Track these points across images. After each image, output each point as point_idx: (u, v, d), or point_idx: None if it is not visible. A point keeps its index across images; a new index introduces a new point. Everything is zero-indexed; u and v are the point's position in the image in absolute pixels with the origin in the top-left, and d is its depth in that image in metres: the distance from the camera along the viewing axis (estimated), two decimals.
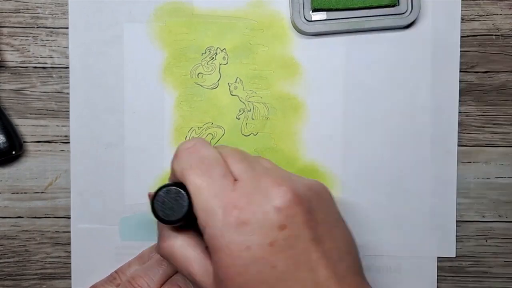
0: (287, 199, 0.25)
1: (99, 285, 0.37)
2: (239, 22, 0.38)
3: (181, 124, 0.39)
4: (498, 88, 0.39)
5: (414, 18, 0.37)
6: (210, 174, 0.26)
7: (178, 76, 0.39)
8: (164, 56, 0.39)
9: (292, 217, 0.25)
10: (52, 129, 0.39)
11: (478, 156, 0.39)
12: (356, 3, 0.37)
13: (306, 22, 0.37)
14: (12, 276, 0.40)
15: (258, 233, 0.25)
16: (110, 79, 0.39)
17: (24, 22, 0.39)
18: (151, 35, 0.38)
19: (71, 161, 0.39)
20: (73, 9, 0.38)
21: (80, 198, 0.39)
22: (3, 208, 0.39)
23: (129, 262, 0.37)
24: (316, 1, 0.37)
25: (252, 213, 0.25)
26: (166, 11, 0.38)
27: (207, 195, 0.26)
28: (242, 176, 0.27)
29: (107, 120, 0.39)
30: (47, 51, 0.39)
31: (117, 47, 0.39)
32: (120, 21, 0.38)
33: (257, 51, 0.38)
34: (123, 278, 0.36)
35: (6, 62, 0.39)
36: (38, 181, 0.39)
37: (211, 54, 0.38)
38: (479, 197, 0.40)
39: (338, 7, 0.37)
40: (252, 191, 0.26)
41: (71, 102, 0.39)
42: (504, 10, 0.39)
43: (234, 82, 0.38)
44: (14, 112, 0.39)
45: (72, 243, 0.39)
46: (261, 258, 0.25)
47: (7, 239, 0.40)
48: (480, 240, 0.40)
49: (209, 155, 0.27)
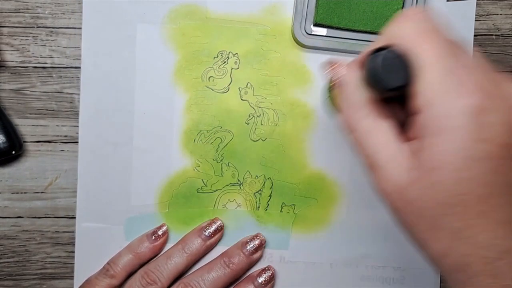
0: None
1: (93, 278, 0.37)
2: (252, 27, 0.38)
3: (190, 127, 0.38)
4: None
5: None
6: (452, 47, 0.22)
7: (189, 79, 0.38)
8: (176, 58, 0.38)
9: None
10: (52, 129, 0.39)
11: None
12: (358, 25, 0.37)
13: (306, 35, 0.37)
14: (12, 276, 0.39)
15: (500, 129, 0.21)
16: (121, 79, 0.38)
17: (24, 22, 0.38)
18: (164, 36, 0.38)
19: (79, 160, 0.38)
20: (87, 8, 0.38)
21: (86, 197, 0.38)
22: (3, 208, 0.39)
23: (119, 253, 0.38)
24: (319, 16, 0.37)
25: (497, 102, 0.21)
26: (180, 13, 0.38)
27: (440, 68, 0.22)
28: (483, 61, 0.23)
29: (117, 120, 0.38)
30: (47, 51, 0.38)
31: (130, 48, 0.38)
32: (133, 21, 0.38)
33: (269, 57, 0.38)
34: (116, 268, 0.37)
35: (6, 62, 0.38)
36: (38, 181, 0.39)
37: (223, 58, 0.38)
38: None
39: (339, 26, 0.37)
40: (498, 79, 0.22)
41: (81, 100, 0.38)
42: (504, 10, 0.39)
43: (244, 87, 0.38)
44: (14, 112, 0.39)
45: (76, 242, 0.39)
46: (496, 157, 0.21)
47: (7, 239, 0.39)
48: None
49: (443, 30, 0.23)
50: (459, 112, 0.21)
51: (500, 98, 0.21)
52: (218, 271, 0.36)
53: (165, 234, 0.38)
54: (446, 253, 0.23)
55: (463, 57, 0.22)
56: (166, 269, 0.36)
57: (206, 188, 0.39)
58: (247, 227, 0.39)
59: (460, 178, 0.21)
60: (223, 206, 0.39)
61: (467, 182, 0.21)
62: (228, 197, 0.39)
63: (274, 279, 0.38)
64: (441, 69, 0.22)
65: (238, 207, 0.39)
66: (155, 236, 0.38)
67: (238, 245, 0.38)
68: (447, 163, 0.21)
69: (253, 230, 0.39)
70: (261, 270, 0.38)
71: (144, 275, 0.36)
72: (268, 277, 0.37)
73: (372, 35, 0.37)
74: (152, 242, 0.38)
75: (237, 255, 0.37)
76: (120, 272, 0.37)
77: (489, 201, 0.21)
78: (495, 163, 0.21)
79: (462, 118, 0.21)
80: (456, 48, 0.23)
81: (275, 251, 0.39)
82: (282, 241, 0.39)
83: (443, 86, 0.21)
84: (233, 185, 0.39)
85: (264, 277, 0.37)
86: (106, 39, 0.38)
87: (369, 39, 0.37)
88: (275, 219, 0.39)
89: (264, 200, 0.39)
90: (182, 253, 0.37)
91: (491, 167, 0.21)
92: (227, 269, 0.36)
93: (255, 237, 0.38)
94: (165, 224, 0.38)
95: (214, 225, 0.38)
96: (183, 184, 0.39)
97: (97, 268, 0.38)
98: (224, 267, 0.36)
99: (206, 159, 0.39)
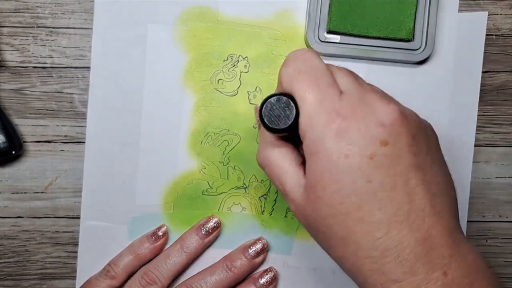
0: (394, 117, 0.24)
1: (94, 278, 0.37)
2: (263, 31, 0.38)
3: (198, 129, 0.38)
4: (498, 88, 0.40)
5: (426, 56, 0.37)
6: (317, 82, 0.26)
7: (199, 81, 0.38)
8: (186, 59, 0.38)
9: (396, 136, 0.24)
10: (52, 129, 0.38)
11: (478, 156, 0.40)
12: (372, 31, 0.37)
13: (319, 42, 0.37)
14: (12, 276, 0.39)
15: (359, 144, 0.24)
16: (130, 79, 0.38)
17: (24, 22, 0.38)
18: (175, 38, 0.38)
19: (85, 158, 0.38)
20: (99, 7, 0.37)
21: (91, 196, 0.38)
22: (3, 208, 0.39)
23: (120, 254, 0.38)
24: (332, 24, 0.37)
25: (355, 122, 0.24)
26: (191, 15, 0.37)
27: (312, 100, 0.25)
28: (349, 89, 0.26)
29: (124, 120, 0.38)
30: (47, 51, 0.38)
31: (140, 48, 0.38)
32: (144, 21, 0.37)
33: (279, 61, 0.38)
34: (116, 269, 0.37)
35: (6, 62, 0.38)
36: (38, 181, 0.39)
37: (233, 61, 0.38)
38: (479, 197, 0.40)
39: (353, 33, 0.37)
40: (357, 102, 0.25)
41: (89, 99, 0.38)
42: (504, 10, 0.39)
43: (253, 91, 0.38)
44: (14, 112, 0.38)
45: (80, 240, 0.38)
46: (358, 169, 0.24)
47: (7, 239, 0.39)
48: (480, 240, 0.40)
49: (318, 65, 0.26)
50: (325, 136, 0.24)
51: (360, 117, 0.24)
52: (220, 274, 0.36)
53: (165, 235, 0.38)
54: (342, 260, 0.26)
55: (332, 89, 0.25)
56: (165, 268, 0.36)
57: (212, 190, 0.39)
58: (251, 231, 0.39)
59: (333, 191, 0.24)
60: (228, 209, 0.39)
61: (339, 193, 0.24)
62: (233, 200, 0.39)
63: (276, 281, 0.38)
64: (312, 103, 0.25)
65: (243, 211, 0.39)
66: (155, 237, 0.38)
67: (241, 249, 0.38)
68: (320, 179, 0.25)
69: (257, 234, 0.39)
70: (263, 272, 0.38)
71: (144, 275, 0.36)
72: (270, 278, 0.38)
73: (386, 41, 0.37)
74: (152, 243, 0.37)
75: (239, 259, 0.37)
76: (120, 273, 0.37)
77: (363, 207, 0.24)
78: (360, 174, 0.24)
79: (328, 141, 0.24)
80: (326, 81, 0.26)
81: (278, 256, 0.39)
82: (285, 246, 0.39)
83: (314, 116, 0.25)
84: (239, 189, 0.39)
85: (266, 279, 0.37)
86: (117, 38, 0.37)
87: (383, 45, 0.37)
88: (279, 223, 0.39)
89: (269, 204, 0.39)
90: (181, 252, 0.37)
91: (357, 178, 0.24)
92: (229, 273, 0.36)
93: (258, 241, 0.38)
94: (165, 224, 0.38)
95: (211, 222, 0.38)
96: (189, 185, 0.38)
97: (99, 267, 0.38)
98: (226, 271, 0.36)
99: (212, 161, 0.38)
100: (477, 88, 0.39)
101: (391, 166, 0.24)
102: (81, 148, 0.38)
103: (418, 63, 0.38)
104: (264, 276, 0.37)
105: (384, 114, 0.24)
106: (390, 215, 0.24)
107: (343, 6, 0.36)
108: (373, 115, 0.24)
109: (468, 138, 0.39)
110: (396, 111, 0.25)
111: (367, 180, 0.24)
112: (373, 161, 0.24)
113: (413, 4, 0.37)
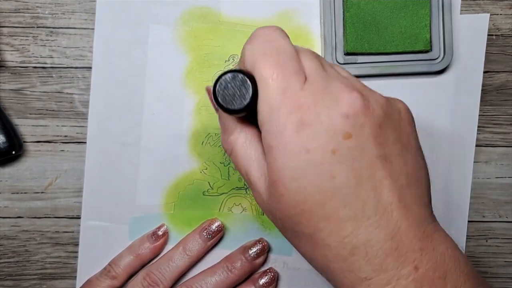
0: (356, 107, 0.23)
1: (94, 278, 0.37)
2: None
3: (199, 130, 0.38)
4: (498, 88, 0.40)
5: (446, 64, 0.37)
6: (282, 67, 0.23)
7: (200, 82, 0.38)
8: (188, 60, 0.38)
9: (360, 127, 0.23)
10: (52, 129, 0.38)
11: (478, 156, 0.40)
12: (389, 48, 0.37)
13: (338, 65, 0.36)
14: (12, 276, 0.39)
15: (320, 137, 0.22)
16: (131, 79, 0.38)
17: (24, 22, 0.38)
18: (176, 38, 0.38)
19: (86, 158, 0.38)
20: (100, 8, 0.37)
21: (92, 195, 0.38)
22: (3, 208, 0.39)
23: (121, 254, 0.38)
24: (350, 45, 0.36)
25: (316, 115, 0.23)
26: (193, 15, 0.37)
27: (274, 88, 0.23)
28: (313, 75, 0.24)
29: (125, 120, 0.38)
30: (47, 51, 0.38)
31: (142, 48, 0.38)
32: (146, 22, 0.37)
33: None
34: (117, 270, 0.37)
35: (6, 62, 0.38)
36: (38, 181, 0.39)
37: (235, 62, 0.38)
38: (479, 197, 0.40)
39: (371, 51, 0.37)
40: (321, 93, 0.23)
41: (91, 99, 0.38)
42: (504, 10, 0.39)
43: None
44: (14, 112, 0.38)
45: (80, 240, 0.38)
46: (320, 164, 0.22)
47: (7, 239, 0.39)
48: (480, 240, 0.41)
49: (285, 48, 0.24)
50: (285, 129, 0.23)
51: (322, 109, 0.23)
52: (221, 275, 0.36)
53: (165, 234, 0.38)
54: (311, 257, 0.25)
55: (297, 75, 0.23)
56: (168, 271, 0.36)
57: (212, 191, 0.38)
58: (251, 232, 0.39)
59: (296, 189, 0.23)
60: (229, 209, 0.39)
61: (302, 191, 0.23)
62: (234, 201, 0.39)
63: (275, 281, 0.38)
64: (274, 90, 0.23)
65: (244, 212, 0.39)
66: (155, 237, 0.38)
67: (241, 250, 0.38)
68: (281, 176, 0.23)
69: (258, 235, 0.39)
70: (262, 272, 0.38)
71: (146, 276, 0.36)
72: (269, 279, 0.38)
73: (405, 55, 0.37)
74: (152, 242, 0.37)
75: (239, 260, 0.37)
76: (121, 273, 0.37)
77: (329, 204, 0.23)
78: (322, 169, 0.22)
79: (288, 134, 0.23)
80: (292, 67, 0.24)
81: (278, 257, 0.39)
82: (286, 247, 0.39)
83: (274, 105, 0.23)
84: (239, 189, 0.39)
85: (265, 279, 0.37)
86: (118, 39, 0.37)
87: (402, 59, 0.37)
88: None
89: None
90: (184, 255, 0.37)
91: (320, 174, 0.22)
92: (229, 274, 0.36)
93: (258, 242, 0.38)
94: (165, 224, 0.38)
95: (214, 225, 0.38)
96: (190, 186, 0.38)
97: (100, 267, 0.38)
98: (227, 272, 0.36)
99: (213, 162, 0.38)
100: (479, 89, 0.39)
101: (355, 159, 0.23)
102: (81, 148, 0.38)
103: (438, 72, 0.38)
104: (264, 277, 0.37)
105: (347, 104, 0.23)
106: (356, 212, 0.23)
107: (358, 26, 0.36)
108: (336, 106, 0.23)
109: (469, 139, 0.39)
110: (360, 99, 0.23)
111: (331, 176, 0.22)
112: (336, 155, 0.22)
113: (427, 14, 0.37)
